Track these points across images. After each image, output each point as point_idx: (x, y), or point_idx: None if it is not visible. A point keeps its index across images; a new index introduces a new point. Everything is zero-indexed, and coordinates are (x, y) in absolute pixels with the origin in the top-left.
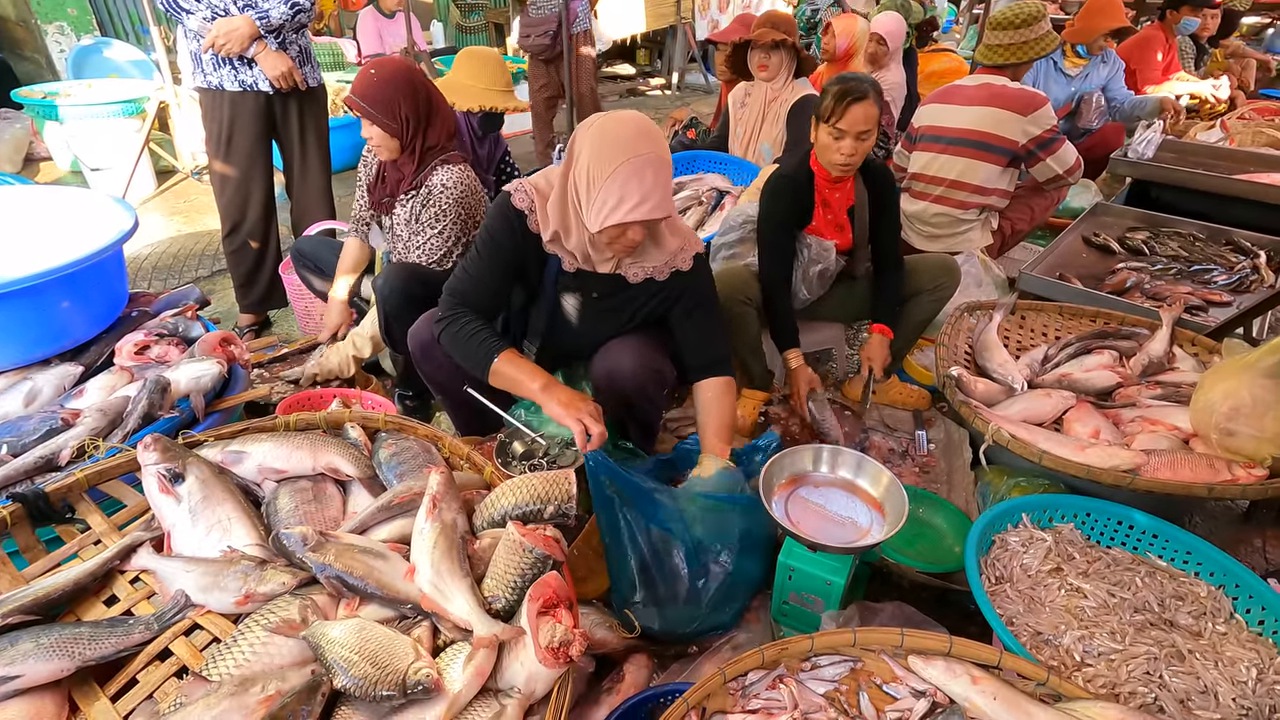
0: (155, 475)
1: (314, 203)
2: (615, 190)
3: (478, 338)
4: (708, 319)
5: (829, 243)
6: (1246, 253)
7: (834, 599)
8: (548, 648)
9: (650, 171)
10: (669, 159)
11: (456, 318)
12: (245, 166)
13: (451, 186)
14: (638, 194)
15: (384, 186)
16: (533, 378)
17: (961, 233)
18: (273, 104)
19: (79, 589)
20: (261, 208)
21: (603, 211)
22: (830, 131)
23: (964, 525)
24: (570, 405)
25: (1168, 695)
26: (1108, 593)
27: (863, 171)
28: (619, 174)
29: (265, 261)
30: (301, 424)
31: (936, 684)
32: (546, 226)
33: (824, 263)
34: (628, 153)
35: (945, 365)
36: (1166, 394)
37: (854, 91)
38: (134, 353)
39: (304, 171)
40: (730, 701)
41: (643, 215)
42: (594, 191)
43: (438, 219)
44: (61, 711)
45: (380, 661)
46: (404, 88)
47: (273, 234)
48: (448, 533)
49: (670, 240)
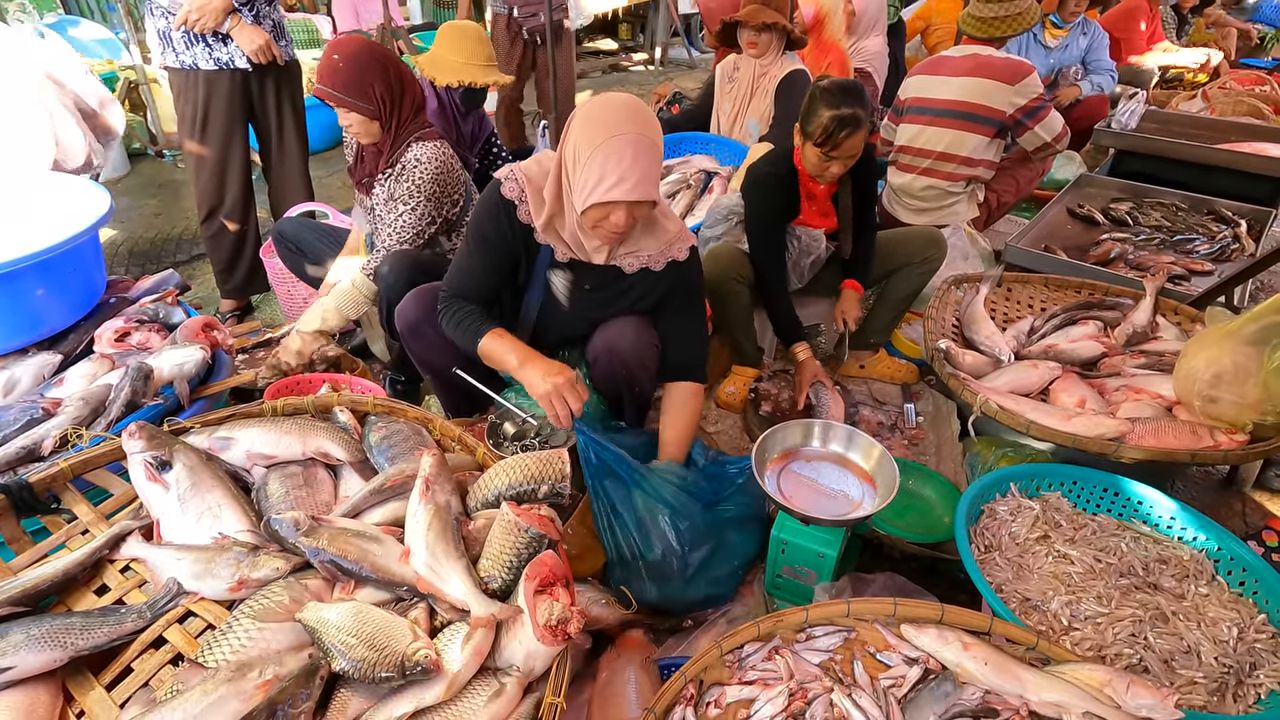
0: (142, 463)
1: (293, 183)
2: (596, 168)
3: (468, 319)
4: (693, 318)
5: (817, 231)
6: (1228, 222)
7: (827, 571)
8: (545, 626)
9: (631, 151)
10: (658, 141)
11: (451, 306)
12: (222, 147)
13: (426, 162)
14: (616, 173)
15: (363, 166)
16: (513, 353)
17: (948, 205)
18: (249, 81)
19: (68, 579)
20: (239, 189)
21: (585, 189)
22: (820, 155)
23: (953, 496)
24: (545, 378)
25: (1152, 656)
26: (1094, 558)
27: None
28: (600, 151)
29: (245, 245)
30: (289, 409)
31: (929, 651)
32: (540, 212)
33: (815, 252)
34: (610, 130)
35: (933, 338)
36: (1150, 363)
37: (850, 123)
38: (114, 340)
39: (281, 151)
40: (727, 673)
41: (621, 195)
42: (578, 169)
43: (411, 195)
44: (56, 701)
45: (378, 644)
46: (373, 67)
47: (252, 216)
48: (442, 514)
49: (666, 227)
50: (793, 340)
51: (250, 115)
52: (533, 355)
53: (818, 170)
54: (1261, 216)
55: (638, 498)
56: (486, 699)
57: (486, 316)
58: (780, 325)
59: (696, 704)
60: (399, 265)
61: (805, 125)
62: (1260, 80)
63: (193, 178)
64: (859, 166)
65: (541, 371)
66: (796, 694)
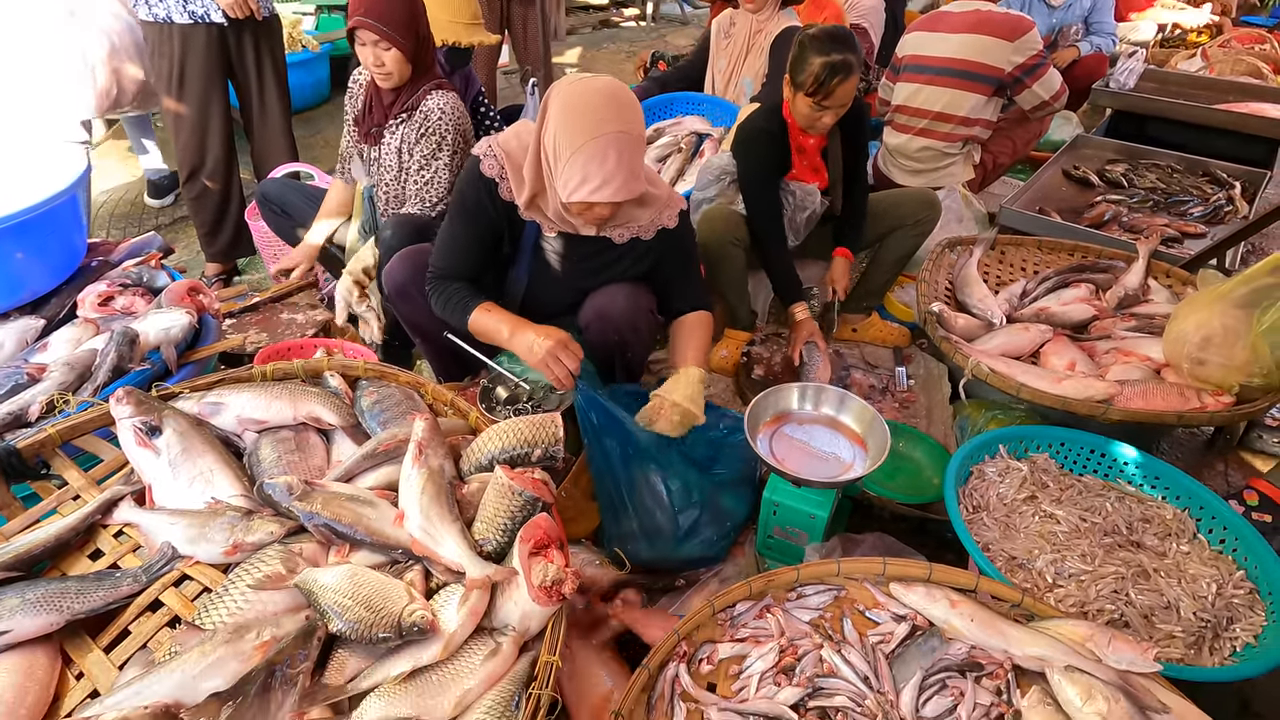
0: (131, 429)
1: (275, 142)
2: (578, 169)
3: (456, 297)
4: (690, 272)
5: (811, 186)
6: (1222, 184)
7: (817, 532)
8: (540, 586)
9: (614, 153)
10: (640, 133)
11: (439, 287)
12: (201, 105)
13: (450, 112)
14: (599, 176)
15: (372, 116)
16: (502, 325)
17: (944, 167)
18: (226, 36)
19: (61, 544)
20: (221, 149)
21: (568, 187)
22: (811, 105)
23: (943, 458)
24: (539, 343)
25: (1133, 611)
26: (1079, 518)
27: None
28: (582, 153)
29: (229, 207)
30: (279, 374)
31: (917, 608)
32: (521, 190)
33: (810, 208)
34: (592, 131)
35: (926, 301)
36: (1140, 326)
37: (841, 69)
38: (98, 304)
39: (263, 109)
40: (719, 631)
41: (604, 198)
42: (560, 164)
43: (440, 149)
44: (55, 664)
45: (374, 605)
46: (418, 5)
47: (235, 176)
48: (435, 478)
49: (655, 195)
50: (792, 299)
51: (229, 72)
52: (522, 323)
53: (809, 121)
54: (1256, 178)
55: (634, 458)
56: (483, 658)
57: (474, 293)
58: (780, 284)
59: (689, 661)
60: (400, 229)
61: (795, 75)
62: (1260, 39)
63: (173, 137)
64: (849, 118)
65: (533, 337)
66: (787, 650)
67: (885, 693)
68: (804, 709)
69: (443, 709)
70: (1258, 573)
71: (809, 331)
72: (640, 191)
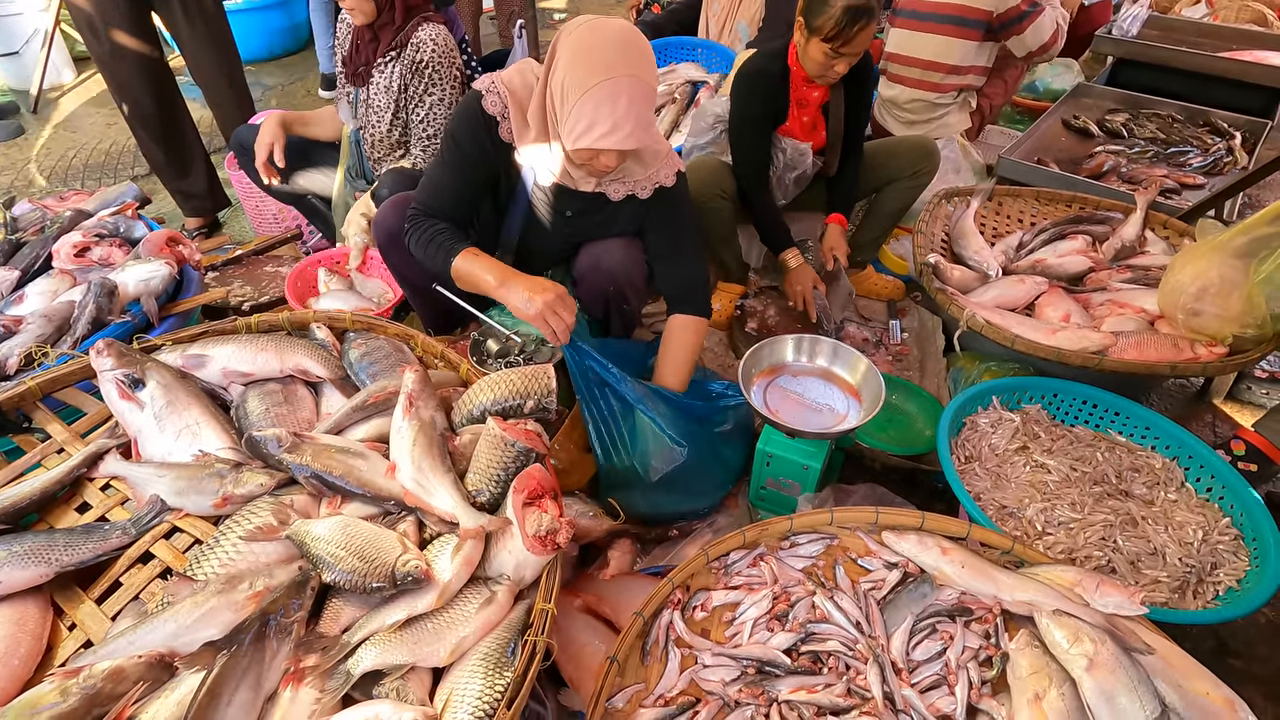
0: (113, 381)
1: (222, 85)
2: (587, 113)
3: (438, 239)
4: (687, 245)
5: (804, 146)
6: (1222, 134)
7: (810, 483)
8: (535, 536)
9: (625, 98)
10: (653, 82)
11: (420, 224)
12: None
13: (442, 43)
14: (609, 121)
15: (359, 56)
16: (489, 272)
17: (939, 118)
18: None
19: (46, 497)
20: (147, 94)
21: (574, 132)
22: (827, 51)
23: (935, 410)
24: (532, 296)
25: (1120, 558)
26: (1070, 467)
27: None
28: (592, 96)
29: (192, 160)
30: (264, 325)
31: (908, 556)
32: (524, 135)
33: (800, 168)
34: (603, 73)
35: (922, 253)
36: (1136, 277)
37: (864, 15)
38: (73, 255)
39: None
40: (713, 579)
41: (613, 144)
42: (567, 108)
43: (434, 83)
44: (46, 615)
45: (368, 556)
46: None
47: (187, 126)
48: (427, 430)
49: (656, 150)
50: (782, 247)
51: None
52: (512, 274)
53: (820, 69)
54: (1257, 128)
55: (629, 409)
56: (478, 606)
57: (458, 235)
58: (766, 232)
59: (683, 608)
60: (394, 184)
61: (811, 18)
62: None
63: (110, 88)
64: (855, 72)
65: (526, 290)
66: (780, 597)
67: (876, 637)
68: (796, 653)
69: (438, 656)
70: (1243, 520)
71: (809, 279)
72: (648, 143)
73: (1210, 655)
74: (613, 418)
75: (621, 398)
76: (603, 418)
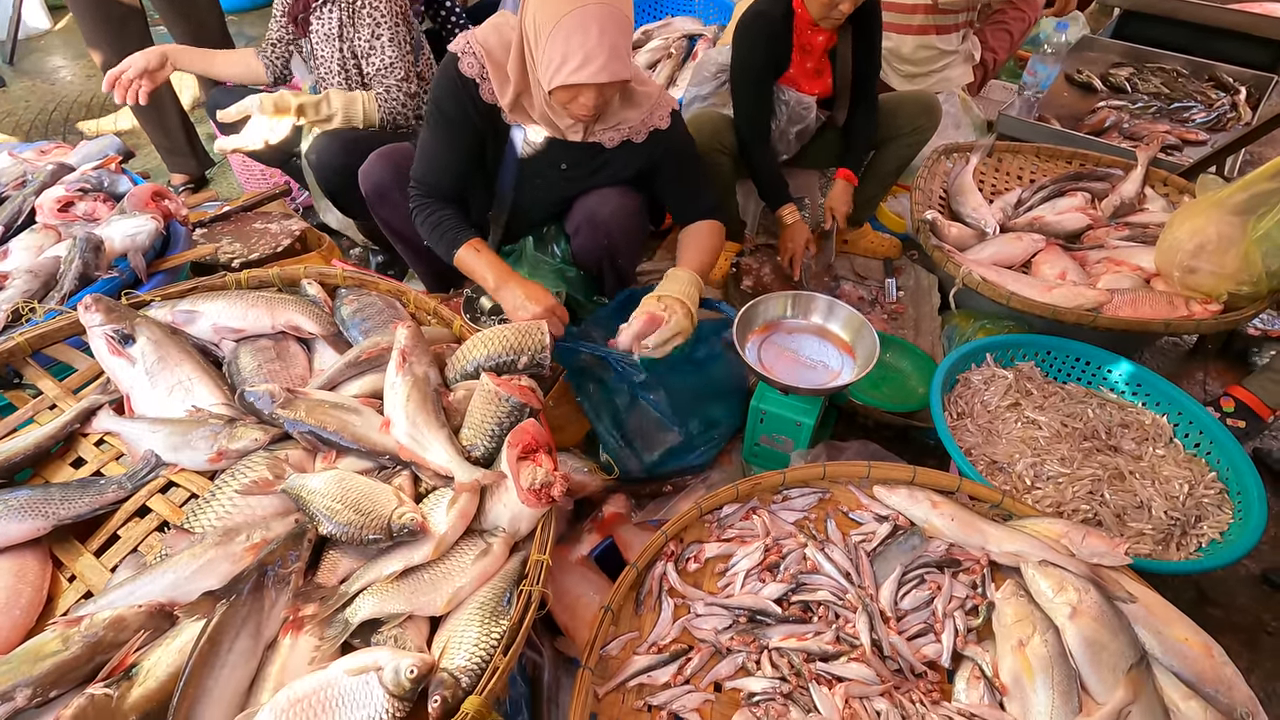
0: (103, 337)
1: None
2: (559, 46)
3: (443, 225)
4: (693, 176)
5: (809, 99)
6: (1227, 89)
7: (803, 439)
8: (529, 489)
9: (596, 26)
10: (627, 10)
11: (424, 207)
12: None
13: None
14: (581, 52)
15: (299, 3)
16: (489, 271)
17: (944, 69)
18: None
19: (41, 452)
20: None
21: (549, 70)
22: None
23: (929, 368)
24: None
25: (1106, 511)
26: (1061, 423)
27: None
28: (562, 27)
29: (167, 114)
30: (254, 282)
31: (899, 509)
32: (505, 91)
33: (804, 122)
34: (572, 3)
35: (920, 210)
36: (1134, 235)
37: None
38: (57, 210)
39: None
40: (706, 532)
41: (585, 78)
42: (540, 46)
43: (377, 23)
44: (45, 567)
45: (363, 509)
46: None
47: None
48: (420, 385)
49: (647, 93)
50: (779, 202)
51: None
52: (510, 276)
53: (824, 9)
54: (1262, 83)
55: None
56: (474, 557)
57: (463, 223)
58: (764, 186)
59: (676, 560)
60: (325, 152)
61: None
62: None
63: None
64: (861, 16)
65: (521, 296)
66: (772, 549)
67: (866, 587)
68: (787, 603)
69: (435, 605)
70: (1229, 474)
71: (804, 237)
72: (625, 76)
73: (1191, 605)
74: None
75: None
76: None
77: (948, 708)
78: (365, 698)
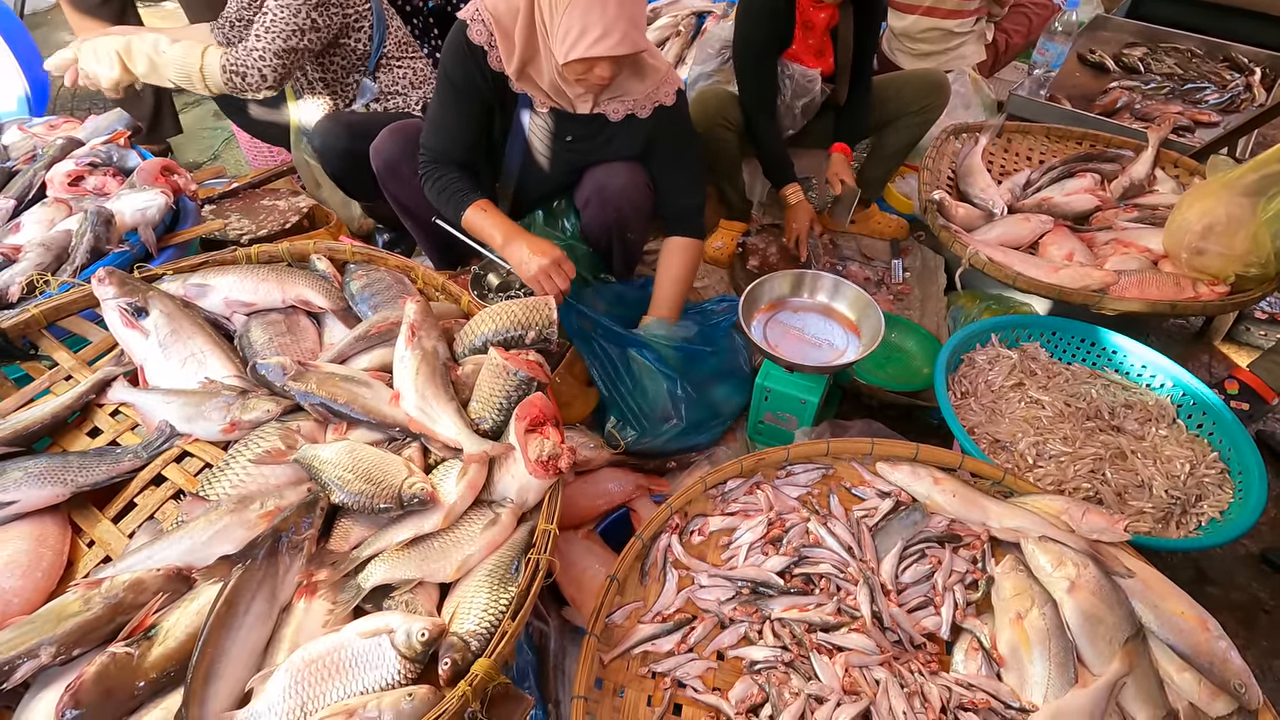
0: (116, 309)
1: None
2: (577, 19)
3: (451, 188)
4: (687, 164)
5: (813, 72)
6: (1242, 70)
7: (808, 417)
8: (537, 461)
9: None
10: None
11: (432, 172)
12: None
13: None
14: (600, 25)
15: None
16: (496, 229)
17: (954, 48)
18: None
19: (58, 421)
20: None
21: (566, 42)
22: None
23: (934, 348)
24: (532, 257)
25: (1107, 489)
26: (1064, 403)
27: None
28: (579, 1)
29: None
30: (264, 256)
31: (901, 485)
32: (512, 58)
33: (809, 95)
34: None
35: (927, 190)
36: (1142, 216)
37: None
38: (67, 184)
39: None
40: (710, 506)
41: (605, 50)
42: (556, 17)
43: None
44: (65, 532)
45: (374, 478)
46: None
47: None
48: (429, 359)
49: (655, 66)
50: (784, 181)
51: None
52: (517, 232)
53: None
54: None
55: (627, 357)
56: (483, 527)
57: (471, 186)
58: (770, 164)
59: (681, 533)
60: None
61: None
62: None
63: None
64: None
65: (528, 250)
66: (775, 523)
67: (867, 561)
68: (789, 575)
69: (445, 572)
70: (1231, 454)
71: (808, 217)
72: (643, 45)
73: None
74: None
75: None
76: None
77: (946, 678)
78: (378, 659)
